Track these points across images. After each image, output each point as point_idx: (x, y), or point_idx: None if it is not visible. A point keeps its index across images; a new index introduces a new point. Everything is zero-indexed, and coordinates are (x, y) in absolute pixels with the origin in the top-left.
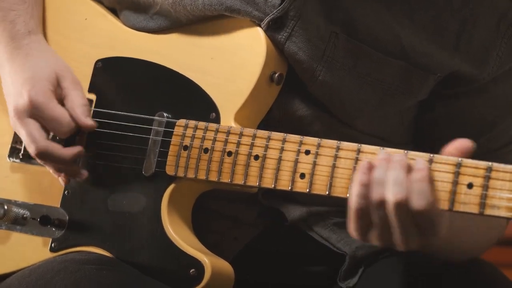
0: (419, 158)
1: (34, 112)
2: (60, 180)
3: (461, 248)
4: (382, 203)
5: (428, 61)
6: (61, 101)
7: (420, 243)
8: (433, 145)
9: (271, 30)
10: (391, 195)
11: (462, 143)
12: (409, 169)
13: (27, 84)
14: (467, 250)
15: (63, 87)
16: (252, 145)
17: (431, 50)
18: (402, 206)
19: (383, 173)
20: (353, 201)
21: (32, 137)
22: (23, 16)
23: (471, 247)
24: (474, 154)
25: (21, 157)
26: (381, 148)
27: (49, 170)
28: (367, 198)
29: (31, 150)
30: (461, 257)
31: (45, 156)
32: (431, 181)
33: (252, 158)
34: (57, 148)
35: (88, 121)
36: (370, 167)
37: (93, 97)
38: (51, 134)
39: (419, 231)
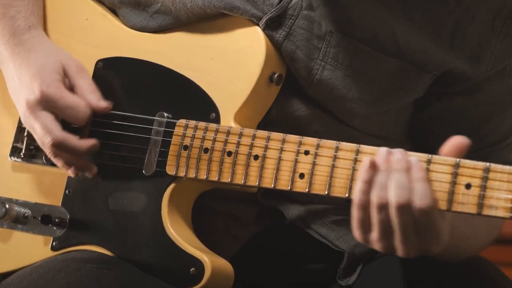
0: (414, 157)
1: (47, 104)
2: (70, 172)
3: (460, 251)
4: (384, 206)
5: (423, 59)
6: (71, 90)
7: (420, 250)
8: (429, 143)
9: (269, 29)
10: (393, 197)
11: (457, 141)
12: (408, 169)
13: (36, 79)
14: (465, 251)
15: (70, 76)
16: (251, 145)
17: (427, 48)
18: (405, 208)
19: (385, 176)
20: (356, 197)
21: (48, 128)
22: (23, 12)
23: (470, 248)
24: (470, 150)
25: (22, 156)
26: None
27: (58, 163)
28: (368, 196)
29: (47, 141)
30: (459, 258)
31: (61, 146)
32: (430, 181)
33: (252, 158)
34: (73, 139)
35: (101, 103)
36: (373, 165)
37: None
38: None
39: (419, 236)
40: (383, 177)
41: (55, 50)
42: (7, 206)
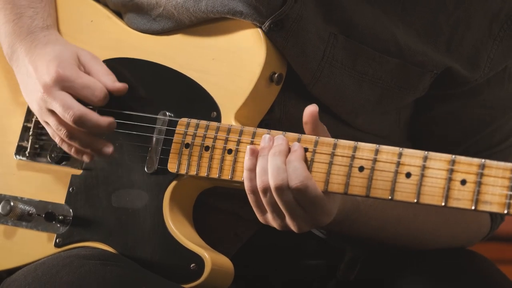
0: (295, 142)
1: (64, 84)
2: (85, 158)
3: (401, 233)
4: (266, 190)
5: (423, 59)
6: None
7: (310, 223)
8: (429, 144)
9: (272, 32)
10: (271, 180)
11: (309, 110)
12: (287, 152)
13: (53, 63)
14: (425, 240)
15: (85, 64)
16: (252, 143)
17: (425, 50)
18: (282, 189)
19: (265, 162)
20: (245, 185)
21: (68, 105)
22: (41, 13)
23: (428, 237)
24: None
25: (27, 155)
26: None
27: (72, 149)
28: (255, 181)
29: (68, 116)
30: (423, 246)
31: (82, 121)
32: (305, 160)
33: None
34: (95, 114)
35: (117, 84)
36: (254, 152)
37: None
38: None
39: (305, 211)
40: (264, 162)
41: (70, 44)
42: (12, 203)
